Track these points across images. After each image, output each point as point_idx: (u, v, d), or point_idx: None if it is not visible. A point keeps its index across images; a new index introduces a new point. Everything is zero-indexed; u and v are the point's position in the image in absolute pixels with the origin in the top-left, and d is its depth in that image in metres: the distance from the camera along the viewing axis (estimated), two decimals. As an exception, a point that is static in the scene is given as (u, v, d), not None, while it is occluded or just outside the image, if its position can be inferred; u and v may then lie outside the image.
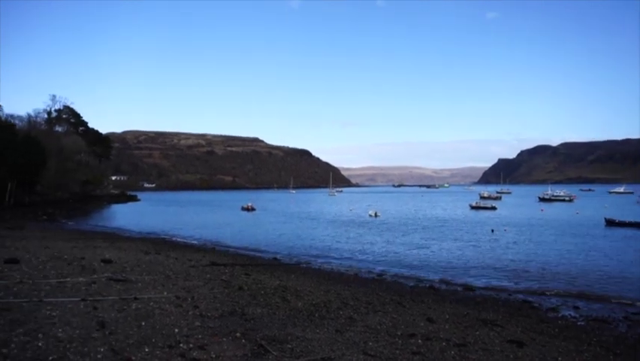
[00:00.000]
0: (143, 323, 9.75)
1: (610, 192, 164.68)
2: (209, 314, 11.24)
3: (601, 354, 10.95)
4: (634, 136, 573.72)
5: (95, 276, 15.19)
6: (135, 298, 12.08)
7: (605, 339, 12.57)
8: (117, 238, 37.13)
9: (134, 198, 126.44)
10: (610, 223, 48.99)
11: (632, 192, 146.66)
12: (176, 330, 9.49)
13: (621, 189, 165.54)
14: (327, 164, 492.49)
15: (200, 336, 9.23)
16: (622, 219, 50.37)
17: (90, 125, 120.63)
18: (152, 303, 11.78)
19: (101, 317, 9.91)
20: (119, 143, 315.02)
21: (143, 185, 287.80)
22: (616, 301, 17.98)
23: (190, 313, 11.19)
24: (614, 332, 13.66)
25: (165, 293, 13.37)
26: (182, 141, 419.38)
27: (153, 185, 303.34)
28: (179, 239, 39.12)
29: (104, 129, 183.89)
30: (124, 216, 70.37)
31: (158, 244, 33.99)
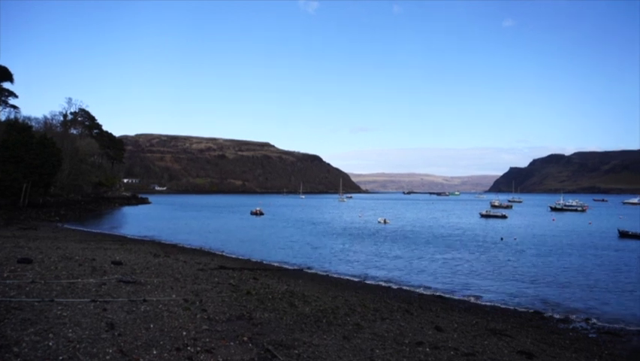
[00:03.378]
0: (152, 325, 9.83)
1: (624, 203, 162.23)
2: (216, 318, 11.29)
3: (612, 367, 10.79)
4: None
5: (105, 277, 15.35)
6: (144, 301, 12.18)
7: (618, 353, 12.37)
8: (127, 240, 37.45)
9: (145, 201, 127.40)
10: (623, 235, 48.20)
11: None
12: (184, 333, 9.55)
13: (636, 200, 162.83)
14: (337, 170, 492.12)
15: (207, 339, 9.28)
16: (636, 231, 49.52)
17: (104, 127, 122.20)
18: (160, 305, 11.87)
19: (111, 318, 10.02)
20: (131, 146, 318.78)
21: (154, 188, 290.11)
22: (629, 316, 17.68)
23: (198, 316, 11.25)
24: (626, 345, 13.42)
25: (174, 296, 13.46)
26: (194, 145, 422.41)
27: (164, 188, 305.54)
28: (188, 243, 39.30)
29: (117, 132, 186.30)
30: (135, 219, 70.96)
31: (168, 246, 34.22)
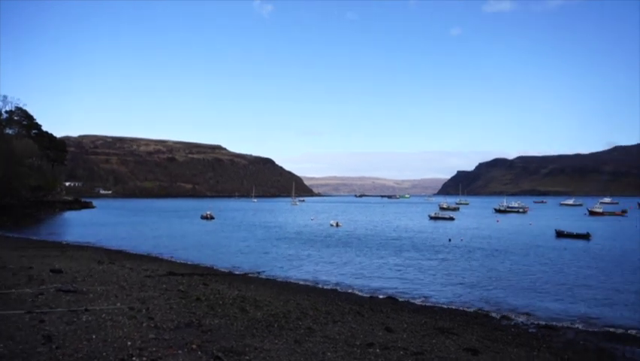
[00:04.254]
0: (94, 336, 9.39)
1: (561, 204, 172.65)
2: (164, 326, 10.95)
3: (551, 360, 11.39)
4: (583, 151, 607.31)
5: (43, 287, 14.53)
6: (86, 310, 11.63)
7: (555, 345, 13.11)
8: (68, 246, 35.65)
9: (88, 205, 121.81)
10: (560, 235, 51.26)
11: (581, 205, 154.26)
12: (129, 343, 9.18)
13: (571, 202, 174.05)
14: (290, 173, 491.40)
15: (154, 349, 8.96)
16: (570, 230, 52.85)
17: (44, 128, 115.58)
18: (104, 315, 11.37)
19: (48, 330, 9.47)
20: (74, 147, 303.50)
21: (98, 191, 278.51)
22: (565, 311, 18.78)
23: (144, 324, 10.86)
24: (562, 338, 14.25)
25: (118, 304, 12.94)
26: (142, 147, 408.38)
27: (109, 192, 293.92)
28: (134, 248, 37.87)
29: (58, 133, 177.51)
30: (77, 224, 67.65)
31: (112, 253, 32.87)
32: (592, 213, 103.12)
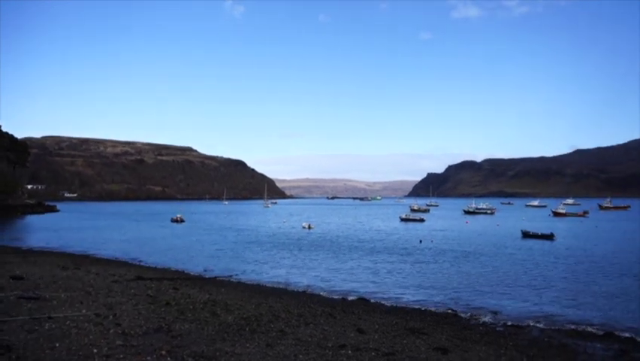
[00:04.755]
0: (57, 345, 9.08)
1: (526, 206, 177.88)
2: (132, 332, 10.69)
3: (517, 357, 11.69)
4: (547, 154, 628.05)
5: (3, 294, 13.99)
6: (49, 318, 11.24)
7: (521, 343, 13.48)
8: (31, 252, 34.39)
9: (52, 209, 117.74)
10: (525, 235, 52.84)
11: (545, 206, 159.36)
12: (95, 350, 8.93)
13: (536, 203, 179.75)
14: (262, 175, 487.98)
15: (121, 356, 8.74)
16: (535, 231, 54.55)
17: (4, 128, 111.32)
18: (68, 322, 11.02)
19: (7, 339, 9.11)
20: (37, 149, 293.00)
21: (63, 195, 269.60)
22: (528, 310, 19.33)
23: (111, 331, 10.58)
24: (527, 335, 14.67)
25: (84, 311, 12.56)
26: (109, 149, 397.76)
27: (75, 195, 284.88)
28: (101, 253, 36.85)
29: (20, 134, 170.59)
30: (40, 229, 65.31)
31: (78, 258, 31.90)
32: (556, 214, 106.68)
